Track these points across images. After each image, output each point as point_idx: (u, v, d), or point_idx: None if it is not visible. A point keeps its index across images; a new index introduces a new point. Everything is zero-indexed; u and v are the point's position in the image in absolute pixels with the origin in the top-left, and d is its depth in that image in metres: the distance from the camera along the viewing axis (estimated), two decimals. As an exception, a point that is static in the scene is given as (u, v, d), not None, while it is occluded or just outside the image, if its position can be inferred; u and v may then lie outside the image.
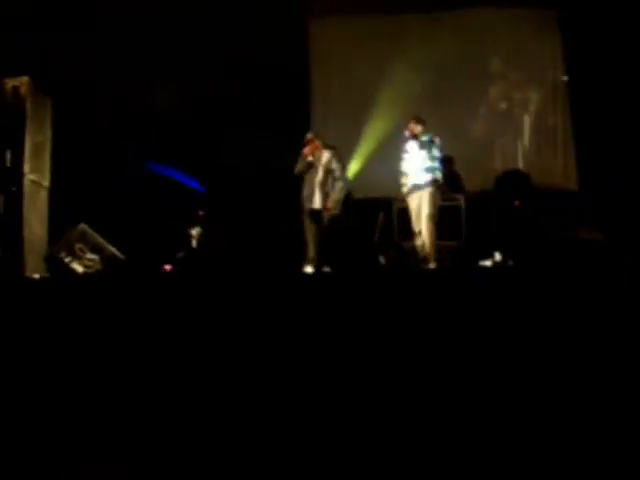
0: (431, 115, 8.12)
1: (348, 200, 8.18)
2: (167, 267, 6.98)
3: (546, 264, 6.03)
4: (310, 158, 7.78)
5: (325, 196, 7.68)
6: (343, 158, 8.25)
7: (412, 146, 7.61)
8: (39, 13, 8.06)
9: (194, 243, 8.17)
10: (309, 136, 7.93)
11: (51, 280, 6.54)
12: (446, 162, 8.04)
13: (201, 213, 8.91)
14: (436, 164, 7.49)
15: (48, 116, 7.89)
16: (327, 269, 7.22)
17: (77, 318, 4.10)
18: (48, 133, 7.86)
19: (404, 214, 8.39)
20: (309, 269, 7.45)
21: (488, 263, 7.27)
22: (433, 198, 7.42)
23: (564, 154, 9.82)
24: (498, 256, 7.25)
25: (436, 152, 7.51)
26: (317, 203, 7.71)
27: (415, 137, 7.58)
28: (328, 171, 7.75)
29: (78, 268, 6.62)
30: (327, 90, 10.26)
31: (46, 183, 7.77)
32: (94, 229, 6.97)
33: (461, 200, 8.48)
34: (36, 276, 6.75)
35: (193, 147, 9.34)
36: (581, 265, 5.58)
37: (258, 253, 7.99)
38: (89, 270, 6.60)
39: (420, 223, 7.46)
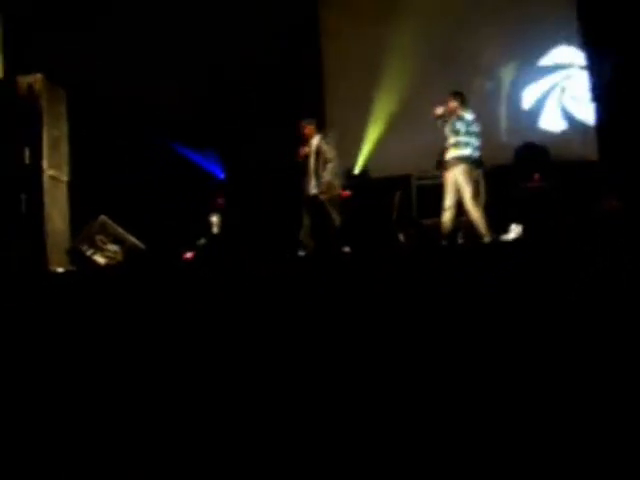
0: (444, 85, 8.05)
1: (365, 180, 8.17)
2: (188, 255, 7.02)
3: (567, 237, 5.98)
4: (307, 148, 7.84)
5: (319, 180, 7.73)
6: (335, 140, 8.15)
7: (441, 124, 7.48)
8: (49, 10, 8.07)
9: (215, 230, 8.19)
10: (303, 124, 7.97)
11: (74, 273, 6.61)
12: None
13: (220, 200, 8.94)
14: (463, 139, 7.33)
15: (63, 110, 7.93)
16: (346, 249, 7.24)
17: (101, 309, 4.14)
18: (64, 127, 7.90)
19: (423, 191, 8.36)
20: (301, 253, 7.47)
21: (510, 237, 7.23)
22: (463, 176, 7.27)
23: (582, 124, 9.71)
24: (517, 229, 7.19)
25: (460, 126, 7.33)
26: (312, 189, 7.78)
27: (438, 117, 7.46)
28: (318, 155, 7.78)
29: (100, 260, 6.67)
30: (338, 71, 10.19)
31: (65, 177, 7.82)
32: (114, 220, 7.01)
33: (480, 174, 8.39)
34: (60, 270, 6.82)
35: (213, 133, 9.33)
36: (602, 237, 5.52)
37: (273, 240, 8.01)
38: (111, 261, 6.65)
39: (449, 199, 7.36)
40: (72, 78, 8.03)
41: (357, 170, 9.49)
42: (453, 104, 7.40)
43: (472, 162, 7.34)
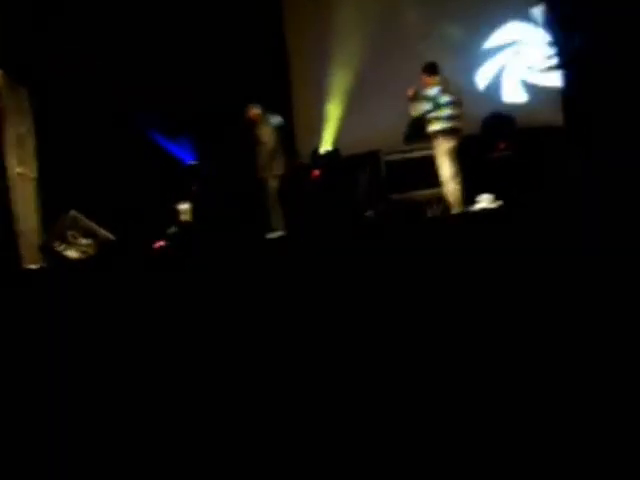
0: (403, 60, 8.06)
1: (333, 158, 8.20)
2: (158, 244, 7.03)
3: (537, 203, 6.03)
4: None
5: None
6: (278, 122, 8.24)
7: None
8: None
9: (183, 218, 8.19)
10: (248, 108, 8.15)
11: (47, 269, 6.61)
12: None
13: (194, 188, 8.90)
14: (433, 114, 7.41)
15: (27, 107, 7.89)
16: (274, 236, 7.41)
17: (75, 304, 4.15)
18: (29, 123, 7.87)
19: (392, 166, 8.41)
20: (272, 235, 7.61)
21: (478, 207, 7.29)
22: (436, 150, 7.42)
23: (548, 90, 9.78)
24: (487, 199, 7.26)
25: (426, 104, 7.42)
26: (260, 172, 8.04)
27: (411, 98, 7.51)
28: (257, 138, 8.02)
29: (73, 254, 6.67)
30: (302, 52, 10.15)
31: (33, 174, 7.80)
32: (84, 213, 6.99)
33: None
34: (33, 267, 6.82)
35: (185, 120, 9.30)
36: (573, 200, 5.58)
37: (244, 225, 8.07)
38: (84, 255, 6.65)
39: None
40: (36, 73, 7.97)
41: (325, 149, 9.51)
42: (422, 80, 7.49)
43: (445, 134, 7.39)
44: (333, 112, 9.64)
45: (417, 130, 8.19)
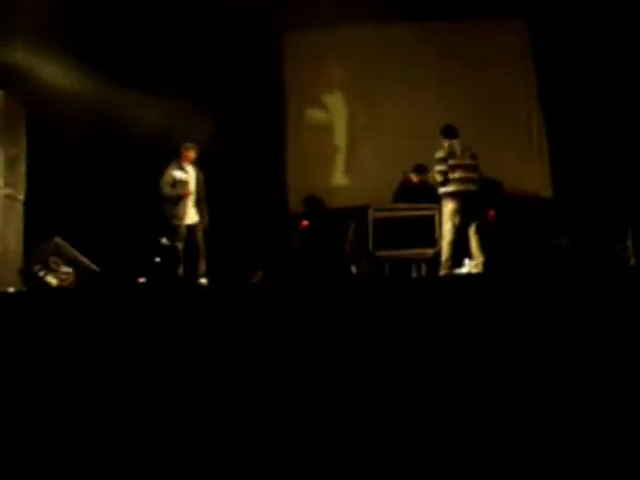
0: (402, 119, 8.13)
1: (322, 209, 8.22)
2: (142, 279, 6.98)
3: (520, 272, 6.09)
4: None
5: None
6: None
7: None
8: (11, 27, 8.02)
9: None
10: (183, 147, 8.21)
11: (26, 294, 6.52)
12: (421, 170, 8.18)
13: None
14: (440, 177, 7.58)
15: (23, 128, 7.87)
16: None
17: (52, 331, 4.10)
18: (23, 145, 7.84)
19: (380, 223, 8.44)
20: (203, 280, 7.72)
21: (463, 271, 7.33)
22: (443, 210, 7.64)
23: (539, 161, 9.93)
24: (471, 264, 7.31)
25: (439, 166, 7.58)
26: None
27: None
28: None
29: (53, 281, 6.60)
30: (301, 100, 10.25)
31: (21, 196, 7.75)
32: (69, 242, 6.94)
33: (435, 209, 8.48)
34: (11, 290, 6.72)
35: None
36: (554, 272, 5.63)
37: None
38: (63, 283, 6.58)
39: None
40: (32, 93, 7.97)
41: (315, 199, 9.53)
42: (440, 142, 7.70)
43: (449, 196, 7.55)
44: (328, 164, 9.71)
45: (406, 191, 8.36)
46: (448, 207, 7.53)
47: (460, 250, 7.57)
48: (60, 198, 8.13)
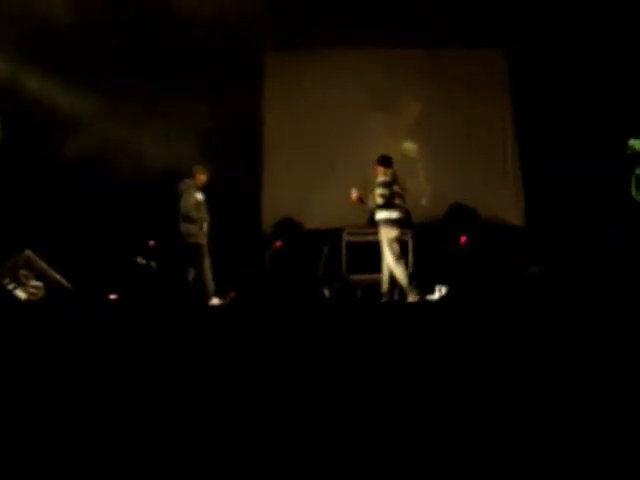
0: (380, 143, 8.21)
1: (297, 231, 8.23)
2: (113, 296, 6.94)
3: (490, 298, 6.14)
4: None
5: None
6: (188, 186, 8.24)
7: None
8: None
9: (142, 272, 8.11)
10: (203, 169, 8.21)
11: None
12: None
13: (152, 243, 8.78)
14: (380, 201, 7.54)
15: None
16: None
17: (19, 345, 4.05)
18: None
19: (352, 246, 8.47)
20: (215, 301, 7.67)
21: (434, 297, 7.36)
22: (381, 237, 7.53)
23: (513, 189, 10.05)
24: (443, 290, 7.33)
25: (379, 190, 7.55)
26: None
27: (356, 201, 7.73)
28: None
29: (21, 295, 6.54)
30: (278, 121, 10.29)
31: (-8, 209, 7.67)
32: (40, 256, 6.89)
33: (408, 235, 8.52)
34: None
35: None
36: (525, 299, 5.69)
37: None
38: (33, 297, 6.52)
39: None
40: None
41: (290, 221, 9.55)
42: (375, 170, 7.67)
43: (392, 223, 7.49)
44: (304, 185, 9.73)
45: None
46: (390, 234, 7.46)
47: (429, 276, 7.61)
48: (32, 211, 8.05)
